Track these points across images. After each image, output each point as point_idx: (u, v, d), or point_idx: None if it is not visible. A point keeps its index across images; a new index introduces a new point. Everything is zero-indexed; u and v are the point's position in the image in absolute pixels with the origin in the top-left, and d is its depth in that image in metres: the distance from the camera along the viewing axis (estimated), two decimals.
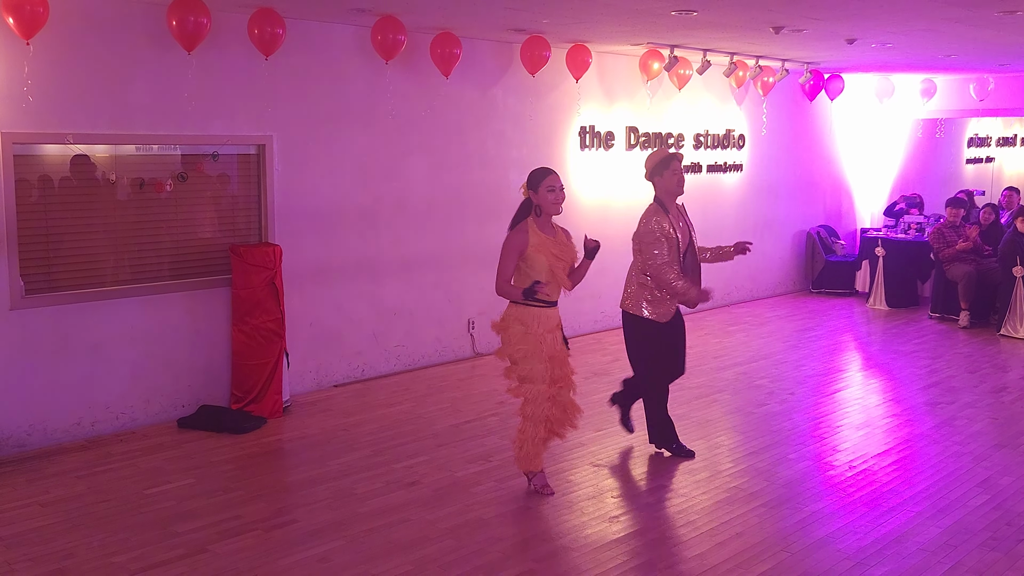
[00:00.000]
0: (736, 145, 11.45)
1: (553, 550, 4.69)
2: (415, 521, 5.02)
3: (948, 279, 10.67)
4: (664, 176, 5.75)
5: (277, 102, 7.20)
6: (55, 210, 6.27)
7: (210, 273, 6.99)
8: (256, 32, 6.63)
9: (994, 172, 15.55)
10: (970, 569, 4.47)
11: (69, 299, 6.33)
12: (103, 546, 4.72)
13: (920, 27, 7.64)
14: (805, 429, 6.71)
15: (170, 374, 6.83)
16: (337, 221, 7.73)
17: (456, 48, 7.72)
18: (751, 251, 6.09)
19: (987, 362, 8.83)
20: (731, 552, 4.65)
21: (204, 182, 6.96)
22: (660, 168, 5.76)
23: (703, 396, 7.50)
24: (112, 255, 6.55)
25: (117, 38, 6.36)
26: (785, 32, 7.90)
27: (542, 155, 9.25)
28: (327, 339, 7.75)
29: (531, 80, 8.73)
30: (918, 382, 8.11)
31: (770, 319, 10.85)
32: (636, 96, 10.07)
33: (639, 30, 7.97)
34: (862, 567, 4.49)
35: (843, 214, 13.43)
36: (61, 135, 6.17)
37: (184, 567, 4.49)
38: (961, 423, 6.86)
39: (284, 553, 4.64)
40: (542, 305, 5.17)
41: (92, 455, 6.10)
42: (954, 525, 4.99)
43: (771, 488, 5.53)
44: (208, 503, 5.29)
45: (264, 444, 6.36)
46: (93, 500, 5.33)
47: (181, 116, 6.68)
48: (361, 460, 6.01)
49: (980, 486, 5.57)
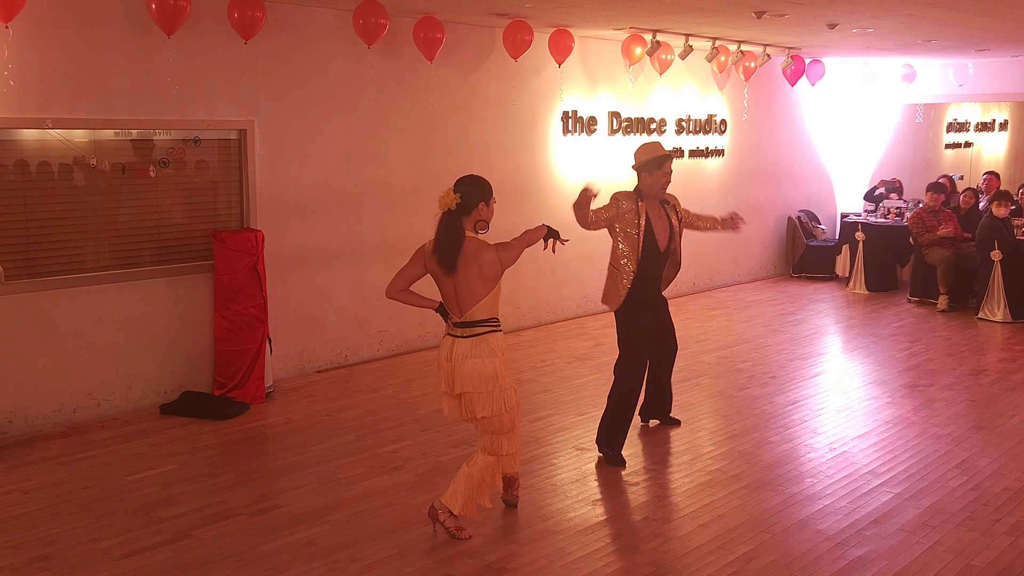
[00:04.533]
0: (718, 130, 11.48)
1: (537, 533, 4.72)
2: (399, 505, 5.04)
3: (927, 263, 10.77)
4: (654, 175, 5.58)
5: (258, 87, 7.16)
6: (35, 195, 6.22)
7: (192, 259, 6.95)
8: (236, 15, 6.57)
9: (972, 157, 15.68)
10: (948, 548, 4.54)
11: (50, 285, 6.28)
12: (86, 532, 4.71)
13: (900, 12, 7.68)
14: (786, 412, 6.77)
15: (152, 360, 6.80)
16: (320, 206, 7.71)
17: (439, 32, 7.69)
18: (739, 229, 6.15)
19: (965, 345, 8.93)
20: (713, 533, 4.70)
21: (186, 167, 6.91)
22: (652, 165, 5.57)
23: (685, 380, 7.54)
24: (93, 241, 6.50)
25: (96, 21, 6.29)
26: (767, 17, 7.92)
27: (525, 140, 9.25)
28: (310, 324, 7.74)
29: (514, 65, 8.71)
30: (897, 365, 8.19)
31: (752, 303, 10.92)
32: (619, 81, 10.07)
33: (621, 14, 7.96)
34: (842, 547, 4.55)
35: (824, 199, 13.51)
36: (40, 120, 6.11)
37: (168, 552, 4.49)
38: (940, 405, 6.94)
39: (269, 538, 4.64)
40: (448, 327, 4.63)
41: (74, 442, 6.07)
42: (932, 506, 5.06)
43: (752, 471, 5.58)
44: (191, 489, 5.28)
45: (247, 430, 6.35)
46: (76, 487, 5.31)
47: (161, 101, 6.63)
48: (345, 445, 6.01)
49: (958, 467, 5.64)
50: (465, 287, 4.45)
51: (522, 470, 5.20)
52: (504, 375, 4.54)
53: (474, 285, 4.45)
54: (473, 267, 4.43)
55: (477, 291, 4.46)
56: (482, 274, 4.44)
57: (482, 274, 4.44)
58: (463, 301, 4.48)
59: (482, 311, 4.49)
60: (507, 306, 8.88)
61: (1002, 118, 15.93)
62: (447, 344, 4.58)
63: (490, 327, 4.52)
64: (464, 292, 4.46)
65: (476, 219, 4.50)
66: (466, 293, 4.46)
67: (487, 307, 4.51)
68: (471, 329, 4.50)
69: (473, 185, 4.50)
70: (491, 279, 4.48)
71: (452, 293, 4.50)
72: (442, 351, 4.61)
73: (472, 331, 4.50)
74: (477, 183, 4.52)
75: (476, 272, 4.43)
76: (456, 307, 4.52)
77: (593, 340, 8.92)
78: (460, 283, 4.45)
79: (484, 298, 4.48)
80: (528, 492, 5.22)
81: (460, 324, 4.52)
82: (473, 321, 4.49)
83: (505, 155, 9.11)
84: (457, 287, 4.47)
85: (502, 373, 4.52)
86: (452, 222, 4.44)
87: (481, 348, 4.48)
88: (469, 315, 4.49)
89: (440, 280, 4.52)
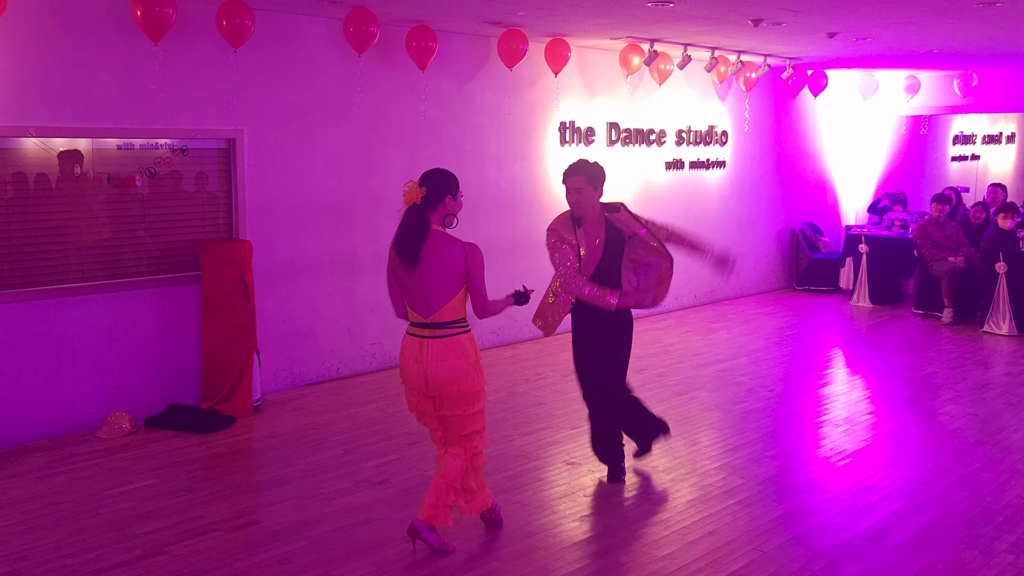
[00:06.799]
0: (719, 141, 11.36)
1: (521, 550, 4.57)
2: (381, 521, 4.90)
3: (932, 276, 10.60)
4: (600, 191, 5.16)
5: (247, 96, 7.07)
6: (17, 204, 6.13)
7: (179, 270, 6.85)
8: (224, 23, 6.49)
9: (979, 170, 15.49)
10: (945, 567, 4.37)
11: (33, 295, 6.18)
12: (58, 548, 4.58)
13: (901, 19, 7.55)
14: (784, 426, 6.61)
15: (138, 372, 6.69)
16: (310, 216, 7.60)
17: (432, 41, 7.60)
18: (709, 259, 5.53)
19: (969, 358, 8.75)
20: (702, 551, 4.55)
21: (173, 177, 6.82)
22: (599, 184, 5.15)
23: (682, 393, 7.40)
24: (78, 251, 6.41)
25: (80, 27, 6.22)
26: (764, 25, 7.81)
27: (521, 150, 9.15)
28: (301, 337, 7.62)
29: (509, 74, 8.62)
30: (900, 378, 8.02)
31: (753, 316, 10.76)
32: (617, 91, 9.97)
33: (616, 23, 7.87)
34: (835, 566, 4.39)
35: (827, 211, 13.36)
36: (23, 128, 6.03)
37: (141, 569, 4.36)
38: (942, 419, 6.77)
39: (244, 554, 4.51)
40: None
41: (55, 455, 5.96)
42: (931, 523, 4.90)
43: (746, 486, 5.43)
44: (169, 504, 5.16)
45: (232, 444, 6.23)
46: (52, 501, 5.19)
47: (148, 109, 6.55)
48: (330, 459, 5.88)
49: (959, 483, 5.48)
50: (434, 284, 4.29)
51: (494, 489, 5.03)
52: (478, 377, 4.40)
53: (442, 282, 4.29)
54: (440, 262, 4.27)
55: (447, 289, 4.29)
56: (450, 270, 4.28)
57: (450, 270, 4.28)
58: (431, 300, 4.31)
59: (451, 312, 4.33)
60: (504, 319, 8.75)
61: (1009, 131, 15.75)
62: (414, 345, 4.38)
63: (459, 328, 4.37)
64: (433, 289, 4.29)
65: (444, 213, 4.35)
66: (435, 291, 4.29)
67: (456, 307, 4.35)
68: (440, 330, 4.33)
69: (439, 178, 4.35)
70: (459, 278, 4.32)
71: (418, 291, 4.32)
72: (409, 353, 4.40)
73: (441, 332, 4.33)
74: (443, 176, 4.37)
75: (444, 268, 4.27)
76: (422, 306, 4.34)
77: None
78: (428, 280, 4.29)
79: (454, 298, 4.32)
80: (515, 507, 5.08)
81: (426, 324, 4.34)
82: (442, 322, 4.33)
83: (500, 165, 9.00)
84: (424, 284, 4.30)
85: (476, 374, 4.39)
86: (417, 216, 4.30)
87: (454, 349, 4.33)
88: (437, 315, 4.32)
89: (404, 279, 4.35)
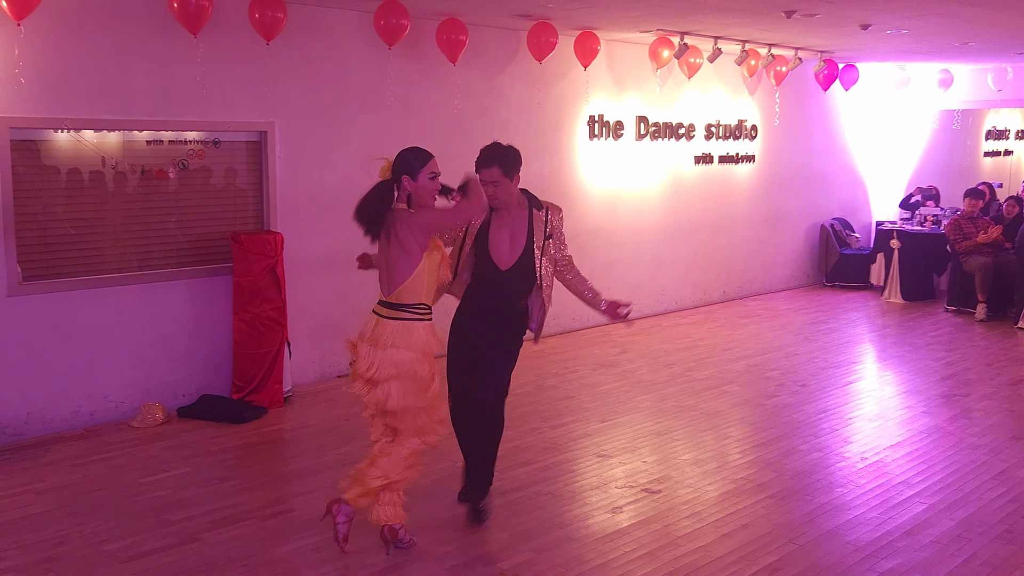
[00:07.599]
0: (749, 136, 11.28)
1: (553, 540, 4.56)
2: (412, 511, 4.86)
3: (965, 271, 10.47)
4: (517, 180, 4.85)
5: (279, 88, 7.10)
6: (54, 195, 6.19)
7: (211, 261, 6.89)
8: (257, 16, 6.52)
9: (1012, 166, 15.29)
10: (984, 562, 4.32)
11: (68, 286, 6.24)
12: (95, 534, 4.63)
13: (936, 11, 7.46)
14: (816, 421, 6.56)
15: (170, 363, 6.74)
16: (341, 209, 7.52)
17: (462, 34, 7.60)
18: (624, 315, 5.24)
19: (1004, 355, 8.64)
20: (737, 543, 4.52)
21: (206, 169, 6.86)
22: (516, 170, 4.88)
23: (712, 387, 7.35)
24: (112, 242, 6.46)
25: (115, 21, 6.26)
26: (797, 17, 7.73)
27: (550, 144, 9.13)
28: (331, 328, 7.64)
29: (538, 68, 8.60)
30: (933, 375, 7.93)
31: (783, 312, 10.68)
32: (646, 85, 9.92)
33: (647, 15, 7.82)
34: (871, 559, 4.34)
35: (858, 206, 13.23)
36: (59, 120, 6.09)
37: (175, 555, 4.39)
38: (977, 415, 6.69)
39: (278, 542, 4.53)
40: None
41: (90, 444, 6.02)
42: (968, 517, 4.84)
43: (780, 479, 5.39)
44: (203, 492, 5.19)
45: (263, 434, 6.26)
46: (88, 488, 5.24)
47: (181, 102, 6.59)
48: (361, 450, 5.83)
49: (996, 478, 5.41)
50: (392, 261, 4.20)
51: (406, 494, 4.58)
52: (422, 371, 4.18)
53: (399, 259, 4.17)
54: (397, 239, 4.16)
55: (402, 267, 4.17)
56: (402, 246, 4.16)
57: (402, 246, 4.16)
58: (391, 277, 4.20)
59: (408, 294, 4.18)
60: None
61: None
62: (370, 321, 4.26)
63: (416, 314, 4.21)
64: (392, 266, 4.20)
65: (405, 192, 4.21)
66: (393, 268, 4.20)
67: (414, 290, 4.18)
68: (396, 312, 4.20)
69: (400, 158, 4.23)
70: (411, 253, 4.14)
71: (384, 267, 4.26)
72: (364, 327, 4.29)
73: (397, 314, 4.20)
74: (404, 156, 4.23)
75: (399, 244, 4.15)
76: (386, 283, 4.25)
77: (619, 347, 8.74)
78: (389, 256, 4.21)
79: (409, 278, 4.16)
80: (546, 499, 5.07)
81: (386, 304, 4.24)
82: (400, 304, 4.20)
83: (529, 159, 8.90)
84: (388, 261, 4.23)
85: (420, 368, 4.18)
86: (379, 189, 4.19)
87: (403, 336, 4.15)
88: (395, 295, 4.20)
89: (378, 255, 4.33)
